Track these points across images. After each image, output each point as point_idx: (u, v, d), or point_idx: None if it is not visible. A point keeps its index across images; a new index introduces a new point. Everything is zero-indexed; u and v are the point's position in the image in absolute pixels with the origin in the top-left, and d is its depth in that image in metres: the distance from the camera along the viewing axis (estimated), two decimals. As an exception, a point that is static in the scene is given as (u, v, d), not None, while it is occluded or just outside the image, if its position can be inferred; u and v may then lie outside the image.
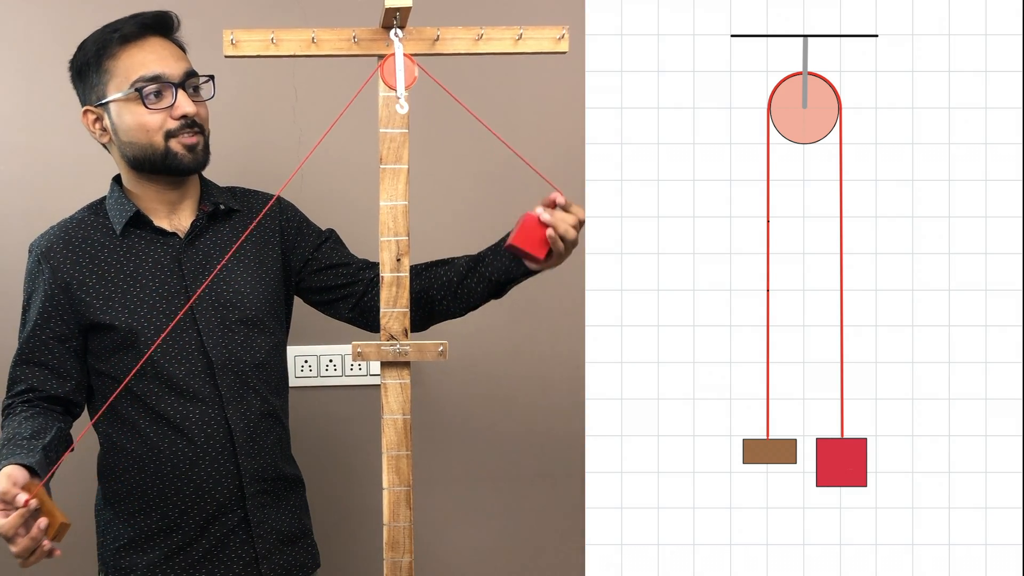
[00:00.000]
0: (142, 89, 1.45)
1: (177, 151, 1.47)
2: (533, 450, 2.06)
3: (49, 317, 1.48)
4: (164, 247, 1.50)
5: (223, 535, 1.51)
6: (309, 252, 1.60)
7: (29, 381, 1.49)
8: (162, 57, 1.47)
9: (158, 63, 1.46)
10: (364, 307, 1.59)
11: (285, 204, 1.62)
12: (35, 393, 1.49)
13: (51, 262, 1.48)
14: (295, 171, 1.56)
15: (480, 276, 1.53)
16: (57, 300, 1.47)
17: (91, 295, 1.46)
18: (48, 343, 1.48)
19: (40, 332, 1.48)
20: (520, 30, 1.31)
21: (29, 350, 1.49)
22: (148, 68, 1.45)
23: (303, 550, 1.60)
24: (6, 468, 1.30)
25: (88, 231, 1.50)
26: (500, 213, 2.01)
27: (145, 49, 1.46)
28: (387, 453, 1.34)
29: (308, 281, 1.60)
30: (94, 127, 1.51)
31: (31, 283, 1.51)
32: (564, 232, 1.38)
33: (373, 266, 1.61)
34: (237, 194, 1.60)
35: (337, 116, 1.36)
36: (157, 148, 1.46)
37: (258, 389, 1.53)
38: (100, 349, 1.49)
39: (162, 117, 1.46)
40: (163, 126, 1.46)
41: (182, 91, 1.47)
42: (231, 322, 1.51)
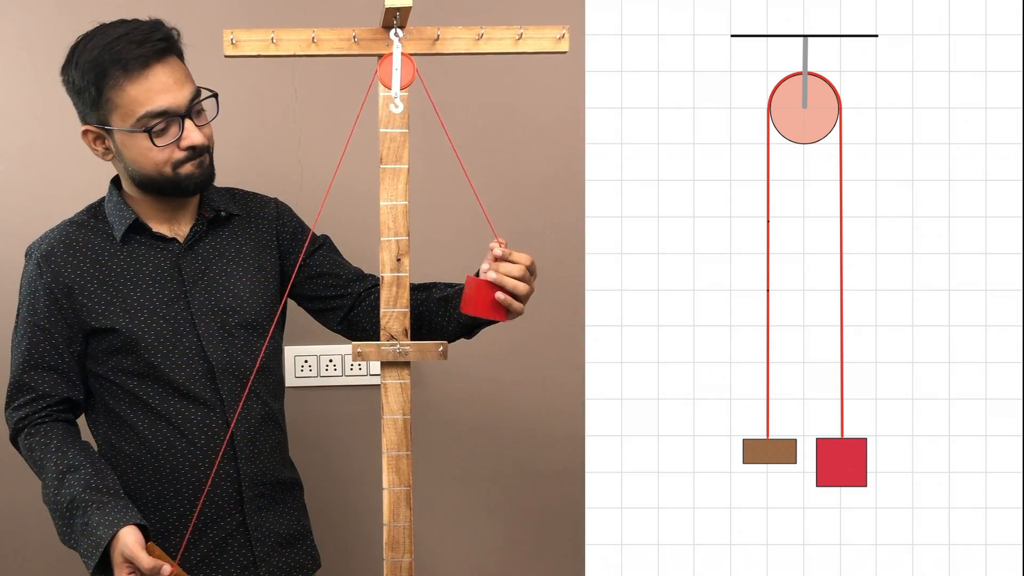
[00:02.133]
0: (150, 127, 1.40)
1: (185, 174, 1.45)
2: (533, 450, 2.06)
3: (56, 321, 1.46)
4: (164, 252, 1.50)
5: (221, 539, 1.51)
6: (303, 258, 1.60)
7: (40, 387, 1.47)
8: (167, 87, 1.40)
9: (164, 96, 1.40)
10: (351, 321, 1.59)
11: (283, 208, 1.62)
12: (47, 400, 1.48)
13: (52, 266, 1.46)
14: (330, 186, 1.55)
15: (450, 316, 1.52)
16: (61, 304, 1.46)
17: (92, 299, 1.46)
18: (57, 347, 1.47)
19: (47, 336, 1.47)
20: (520, 30, 1.31)
21: (37, 355, 1.47)
22: (155, 103, 1.39)
23: (302, 551, 1.60)
24: (130, 535, 1.34)
25: (88, 235, 1.49)
26: (500, 213, 2.02)
27: (151, 80, 1.39)
28: (387, 453, 1.34)
29: (299, 287, 1.60)
30: (95, 145, 1.47)
31: (31, 287, 1.49)
32: (513, 288, 1.32)
33: (364, 278, 1.61)
34: (236, 196, 1.59)
35: (353, 124, 1.36)
36: (166, 176, 1.45)
37: (259, 393, 1.53)
38: (98, 352, 1.48)
39: (170, 151, 1.42)
40: (171, 158, 1.43)
41: (189, 120, 1.42)
42: (231, 327, 1.50)
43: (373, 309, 1.57)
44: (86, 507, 1.37)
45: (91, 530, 1.36)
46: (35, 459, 1.46)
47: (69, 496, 1.39)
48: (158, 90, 1.40)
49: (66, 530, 1.41)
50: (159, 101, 1.40)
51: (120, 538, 1.34)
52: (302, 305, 1.64)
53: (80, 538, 1.37)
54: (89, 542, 1.36)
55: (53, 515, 1.43)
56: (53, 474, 1.42)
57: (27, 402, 1.48)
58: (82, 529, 1.37)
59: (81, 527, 1.37)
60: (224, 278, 1.52)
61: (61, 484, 1.41)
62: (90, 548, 1.35)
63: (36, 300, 1.48)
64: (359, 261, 1.68)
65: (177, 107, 1.41)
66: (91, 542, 1.35)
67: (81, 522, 1.37)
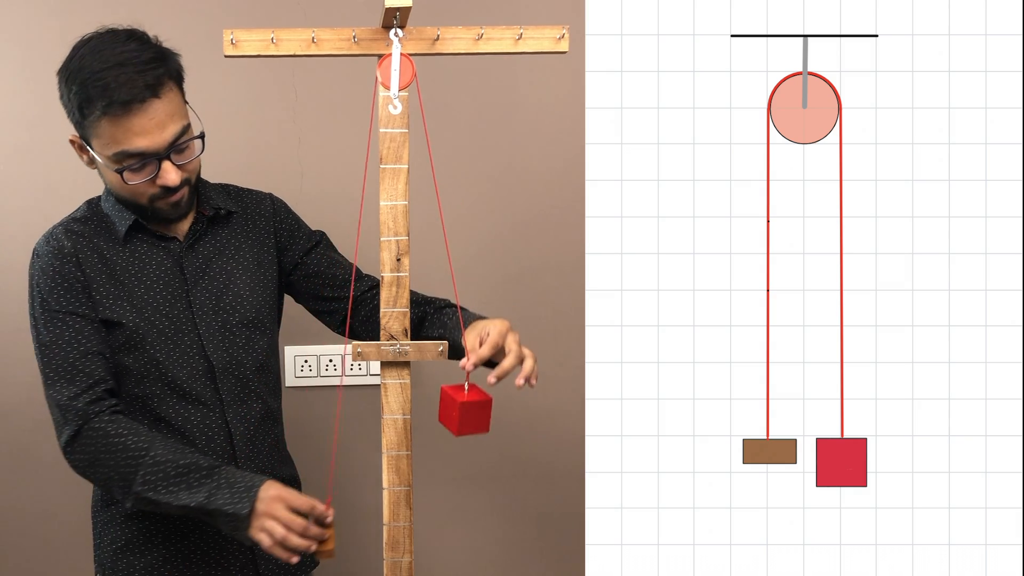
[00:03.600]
0: (122, 167, 1.37)
1: (161, 208, 1.44)
2: (533, 450, 2.06)
3: (84, 307, 1.44)
4: (165, 251, 1.50)
5: (221, 538, 1.51)
6: (299, 256, 1.59)
7: (96, 372, 1.42)
8: (147, 131, 1.35)
9: (143, 139, 1.35)
10: (352, 327, 1.59)
11: (279, 205, 1.62)
12: (105, 385, 1.42)
13: (67, 257, 1.45)
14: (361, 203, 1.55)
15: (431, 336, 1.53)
16: (88, 292, 1.44)
17: (102, 293, 1.45)
18: (99, 331, 1.44)
19: (87, 323, 1.43)
20: (520, 30, 1.31)
21: (85, 340, 1.42)
22: (132, 144, 1.36)
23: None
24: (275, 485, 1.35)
25: (93, 231, 1.49)
26: (500, 213, 2.02)
27: (132, 121, 1.35)
28: (387, 453, 1.34)
29: (297, 286, 1.61)
30: (80, 153, 1.46)
31: (51, 280, 1.44)
32: (528, 372, 1.34)
33: (362, 278, 1.61)
34: (231, 193, 1.59)
35: (369, 125, 1.35)
36: (141, 204, 1.44)
37: (259, 392, 1.54)
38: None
39: (145, 186, 1.41)
40: (145, 192, 1.41)
41: (167, 161, 1.38)
42: (232, 325, 1.51)
43: (369, 318, 1.57)
44: (218, 467, 1.37)
45: (236, 480, 1.35)
46: (121, 434, 1.39)
47: (192, 460, 1.37)
48: (136, 132, 1.35)
49: (193, 484, 1.36)
50: (137, 143, 1.36)
51: (268, 485, 1.35)
52: (300, 302, 1.64)
53: (219, 491, 1.35)
54: (236, 489, 1.35)
55: (166, 477, 1.36)
56: (161, 444, 1.38)
57: (90, 386, 1.41)
58: (227, 481, 1.35)
59: (225, 481, 1.35)
60: (224, 276, 1.52)
61: (177, 451, 1.38)
62: (240, 494, 1.34)
63: (64, 290, 1.44)
64: (359, 261, 1.68)
65: (156, 149, 1.37)
66: (240, 487, 1.35)
67: (223, 479, 1.36)
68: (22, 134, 1.91)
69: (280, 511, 1.32)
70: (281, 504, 1.33)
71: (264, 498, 1.33)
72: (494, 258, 2.02)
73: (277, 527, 1.31)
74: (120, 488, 1.39)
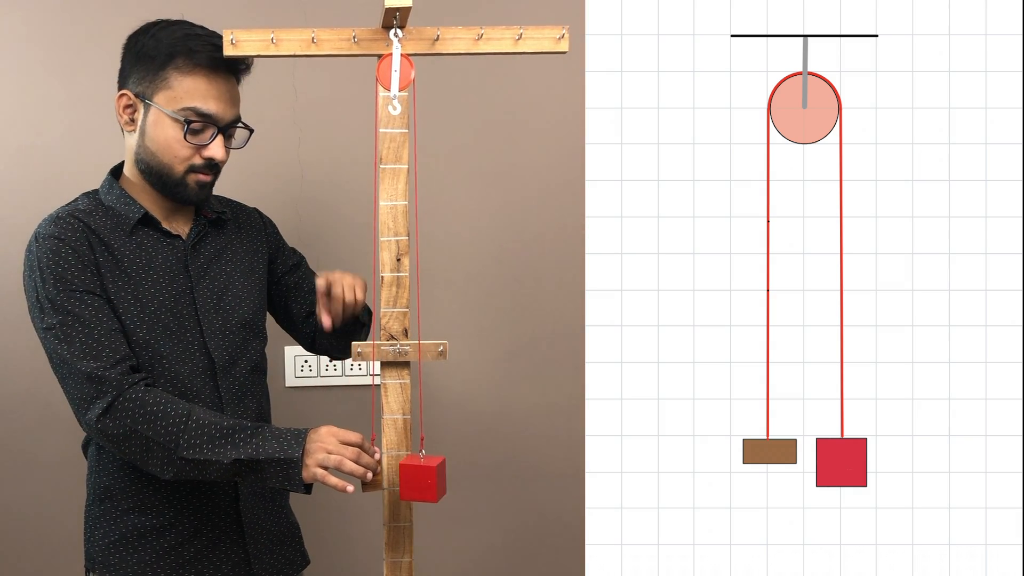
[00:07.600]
0: (189, 121, 1.43)
1: (189, 184, 1.47)
2: (533, 450, 2.06)
3: (104, 291, 1.43)
4: (171, 248, 1.50)
5: (216, 536, 1.51)
6: (279, 273, 1.65)
7: (121, 349, 1.41)
8: (222, 96, 1.44)
9: (216, 103, 1.43)
10: (316, 348, 1.68)
11: (266, 219, 1.67)
12: (131, 361, 1.41)
13: (87, 240, 1.43)
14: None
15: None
16: (100, 275, 1.43)
17: (109, 280, 1.44)
18: (113, 313, 1.43)
19: (104, 303, 1.42)
20: (520, 30, 1.31)
21: (107, 318, 1.41)
22: (205, 103, 1.43)
23: (292, 548, 1.62)
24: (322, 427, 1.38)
25: (99, 220, 1.48)
26: (500, 213, 2.02)
27: (212, 83, 1.43)
28: (387, 453, 1.34)
29: (280, 300, 1.66)
30: (124, 112, 1.47)
31: (67, 259, 1.41)
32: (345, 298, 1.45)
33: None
34: (224, 202, 1.63)
35: (375, 124, 1.35)
36: (174, 174, 1.46)
37: (255, 393, 1.56)
38: None
39: (192, 151, 1.45)
40: (189, 159, 1.45)
41: (221, 136, 1.45)
42: (232, 325, 1.52)
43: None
44: (262, 425, 1.39)
45: (282, 432, 1.37)
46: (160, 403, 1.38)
47: (235, 421, 1.39)
48: (214, 95, 1.43)
49: (239, 442, 1.36)
50: (210, 105, 1.43)
51: (315, 428, 1.38)
52: (275, 317, 1.69)
53: (267, 442, 1.36)
54: (284, 438, 1.36)
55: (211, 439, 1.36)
56: (201, 409, 1.39)
57: (116, 361, 1.39)
58: (272, 434, 1.37)
59: (271, 434, 1.37)
60: (224, 278, 1.54)
61: (218, 415, 1.39)
62: (288, 440, 1.36)
63: (79, 269, 1.41)
64: (359, 261, 1.69)
65: (220, 117, 1.44)
66: (288, 436, 1.37)
67: (269, 432, 1.37)
68: (22, 134, 1.91)
69: (332, 442, 1.35)
70: (332, 436, 1.36)
71: (314, 438, 1.36)
72: (494, 258, 2.02)
73: (331, 456, 1.34)
74: (161, 457, 1.37)
